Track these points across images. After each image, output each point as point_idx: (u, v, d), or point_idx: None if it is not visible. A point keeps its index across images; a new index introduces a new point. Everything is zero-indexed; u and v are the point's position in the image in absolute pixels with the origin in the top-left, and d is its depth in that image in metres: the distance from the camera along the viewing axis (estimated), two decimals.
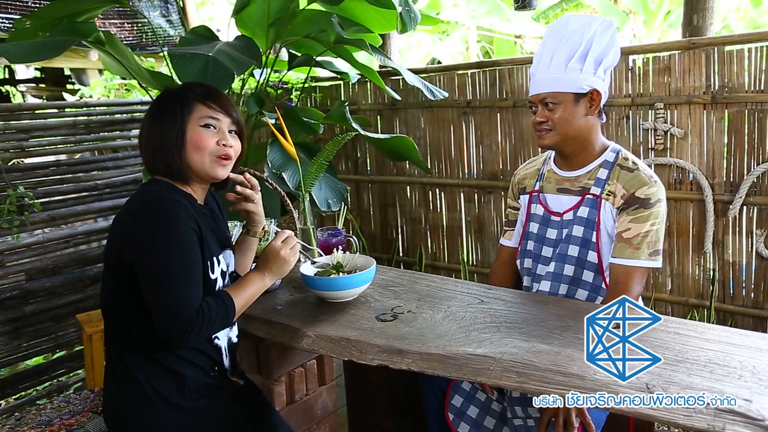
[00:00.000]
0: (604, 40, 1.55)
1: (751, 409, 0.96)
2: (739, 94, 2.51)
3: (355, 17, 2.82)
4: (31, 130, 2.82)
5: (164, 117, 1.31)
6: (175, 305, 1.20)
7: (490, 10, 7.69)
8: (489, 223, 3.41)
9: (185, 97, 1.33)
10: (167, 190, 1.30)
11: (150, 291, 1.22)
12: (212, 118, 1.34)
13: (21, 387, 2.79)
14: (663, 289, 2.86)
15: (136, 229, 1.24)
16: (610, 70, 1.62)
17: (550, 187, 1.71)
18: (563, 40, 1.56)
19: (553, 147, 1.65)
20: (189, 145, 1.31)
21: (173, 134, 1.30)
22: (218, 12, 8.47)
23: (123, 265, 1.25)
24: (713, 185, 2.63)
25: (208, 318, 1.23)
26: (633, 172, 1.57)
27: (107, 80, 4.24)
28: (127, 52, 2.57)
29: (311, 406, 1.84)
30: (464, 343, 1.26)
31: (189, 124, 1.32)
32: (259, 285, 1.37)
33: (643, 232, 1.53)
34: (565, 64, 1.55)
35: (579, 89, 1.55)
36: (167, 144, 1.30)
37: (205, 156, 1.32)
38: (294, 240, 1.42)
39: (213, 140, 1.33)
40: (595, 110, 1.58)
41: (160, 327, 1.22)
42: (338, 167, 4.00)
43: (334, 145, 1.88)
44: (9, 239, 2.67)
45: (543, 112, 1.59)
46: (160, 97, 1.37)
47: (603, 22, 1.58)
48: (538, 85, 1.60)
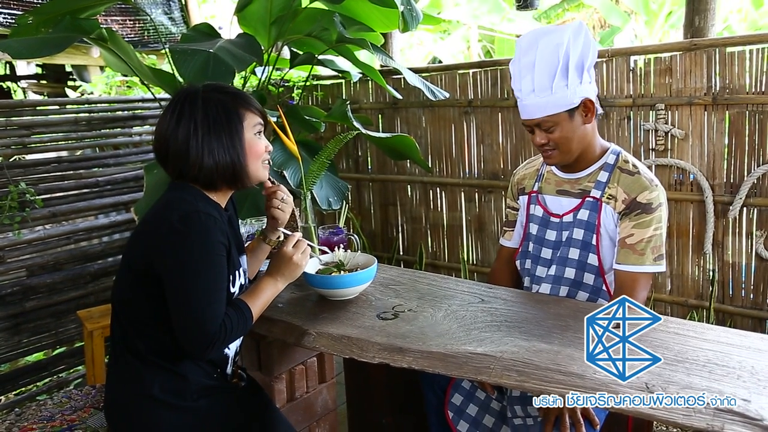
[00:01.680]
0: (579, 46, 1.50)
1: (750, 409, 0.97)
2: (740, 96, 2.52)
3: (357, 16, 2.82)
4: (32, 126, 2.83)
5: (218, 122, 1.28)
6: (201, 321, 1.20)
7: (491, 9, 7.68)
8: (489, 223, 3.42)
9: (228, 103, 1.31)
10: (202, 201, 1.30)
11: (176, 304, 1.22)
12: (261, 124, 1.37)
13: (21, 383, 2.79)
14: (663, 289, 2.86)
15: (170, 240, 1.23)
16: (593, 66, 1.56)
17: (550, 188, 1.70)
18: (538, 59, 1.50)
19: (561, 163, 1.63)
20: (249, 152, 1.33)
21: (237, 142, 1.30)
22: (220, 9, 8.47)
23: (150, 272, 1.25)
24: (713, 186, 2.64)
25: (230, 331, 1.24)
26: (634, 176, 1.56)
27: (109, 77, 4.25)
28: (129, 49, 2.57)
29: (311, 403, 1.85)
30: (465, 342, 1.26)
31: (246, 132, 1.33)
32: (272, 291, 1.38)
33: (646, 237, 1.52)
34: (550, 84, 1.49)
35: (570, 105, 1.51)
36: (233, 151, 1.30)
37: (260, 163, 1.36)
38: (305, 243, 1.43)
39: (263, 146, 1.36)
40: (592, 117, 1.55)
41: (183, 340, 1.22)
42: (339, 166, 4.00)
43: (336, 143, 1.88)
44: (10, 235, 2.68)
45: (542, 135, 1.56)
46: (188, 100, 1.30)
47: (572, 27, 1.51)
48: (528, 110, 1.55)
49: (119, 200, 3.09)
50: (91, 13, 2.64)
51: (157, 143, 1.33)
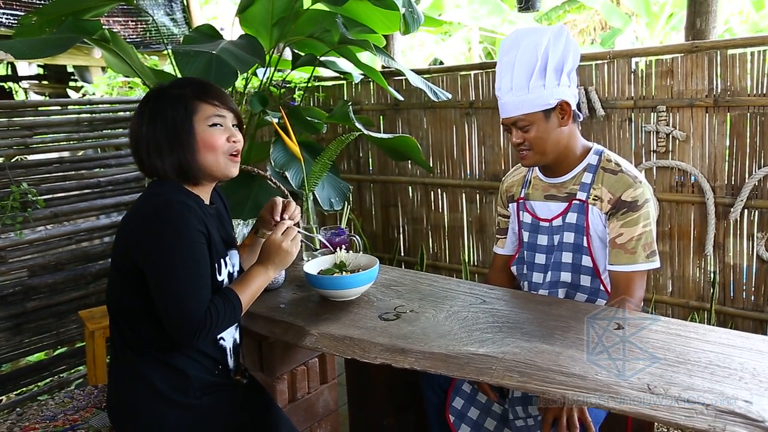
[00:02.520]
0: (559, 48, 1.52)
1: (752, 411, 0.97)
2: (742, 98, 2.52)
3: (359, 18, 2.83)
4: (34, 127, 2.83)
5: (166, 119, 1.28)
6: (185, 308, 1.20)
7: (492, 11, 7.69)
8: (490, 224, 3.42)
9: (185, 97, 1.31)
10: (175, 192, 1.30)
11: (159, 293, 1.23)
12: (219, 116, 1.33)
13: (22, 383, 2.79)
14: (664, 291, 2.86)
15: (146, 233, 1.24)
16: (575, 71, 1.59)
17: (537, 194, 1.70)
18: (518, 58, 1.52)
19: (536, 164, 1.65)
20: (201, 146, 1.30)
21: (184, 137, 1.29)
22: (222, 11, 8.47)
23: (134, 269, 1.26)
24: (715, 188, 2.64)
25: (216, 318, 1.24)
26: (617, 175, 1.56)
27: (110, 78, 4.25)
28: (131, 50, 2.58)
29: (313, 404, 1.85)
30: (467, 343, 1.27)
31: (197, 125, 1.30)
32: (263, 278, 1.36)
33: (636, 235, 1.52)
34: (527, 83, 1.52)
35: (546, 105, 1.53)
36: (178, 147, 1.28)
37: (219, 155, 1.32)
38: (294, 230, 1.41)
39: (223, 138, 1.33)
40: (568, 120, 1.56)
41: (169, 329, 1.23)
42: (341, 167, 4.00)
43: (338, 144, 1.89)
44: (12, 235, 2.68)
45: (518, 134, 1.58)
46: (153, 98, 1.32)
47: (553, 30, 1.54)
48: (506, 108, 1.58)
49: (121, 201, 3.09)
50: (94, 14, 2.65)
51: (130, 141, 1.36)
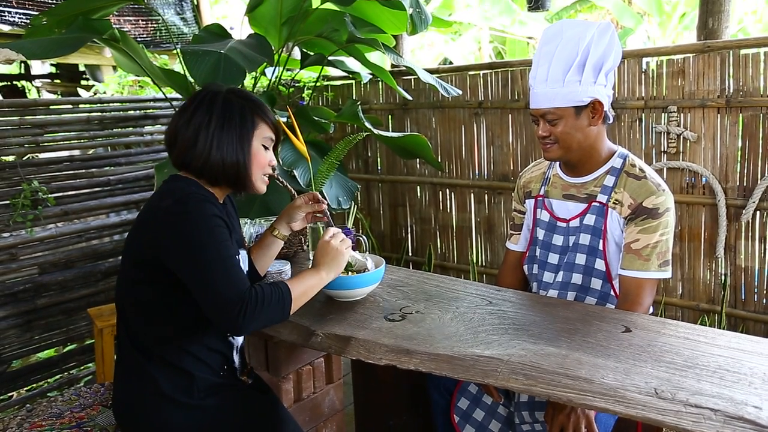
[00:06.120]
0: (602, 46, 1.48)
1: (761, 417, 0.96)
2: (754, 98, 2.49)
3: (367, 17, 2.82)
4: (45, 125, 2.86)
5: (233, 126, 1.32)
6: (222, 290, 1.19)
7: (502, 11, 7.65)
8: (499, 224, 3.41)
9: (253, 111, 1.36)
10: (196, 186, 1.32)
11: (193, 283, 1.22)
12: (271, 139, 1.40)
13: (33, 379, 2.82)
14: (674, 293, 2.84)
15: (170, 223, 1.24)
16: (613, 72, 1.56)
17: (556, 192, 1.68)
18: (559, 50, 1.49)
19: (558, 159, 1.62)
20: (253, 160, 1.36)
21: (245, 147, 1.34)
22: (232, 10, 8.51)
23: (154, 262, 1.26)
24: (726, 190, 2.61)
25: (262, 299, 1.21)
26: (640, 180, 1.54)
27: (121, 77, 4.28)
28: (140, 49, 2.59)
29: (318, 404, 1.85)
30: (472, 345, 1.26)
31: (254, 140, 1.36)
32: (315, 279, 1.36)
33: (652, 243, 1.50)
34: (563, 76, 1.49)
35: (579, 102, 1.50)
36: (236, 154, 1.33)
37: (260, 173, 1.39)
38: (341, 234, 1.43)
39: (267, 159, 1.39)
40: (599, 120, 1.54)
41: (213, 317, 1.22)
42: (349, 166, 4.00)
43: (346, 144, 1.88)
44: (23, 233, 2.71)
45: (545, 127, 1.55)
46: (226, 102, 1.34)
47: (599, 26, 1.51)
48: (537, 99, 1.55)
49: (130, 199, 3.12)
50: (103, 13, 2.67)
51: (170, 128, 1.36)
